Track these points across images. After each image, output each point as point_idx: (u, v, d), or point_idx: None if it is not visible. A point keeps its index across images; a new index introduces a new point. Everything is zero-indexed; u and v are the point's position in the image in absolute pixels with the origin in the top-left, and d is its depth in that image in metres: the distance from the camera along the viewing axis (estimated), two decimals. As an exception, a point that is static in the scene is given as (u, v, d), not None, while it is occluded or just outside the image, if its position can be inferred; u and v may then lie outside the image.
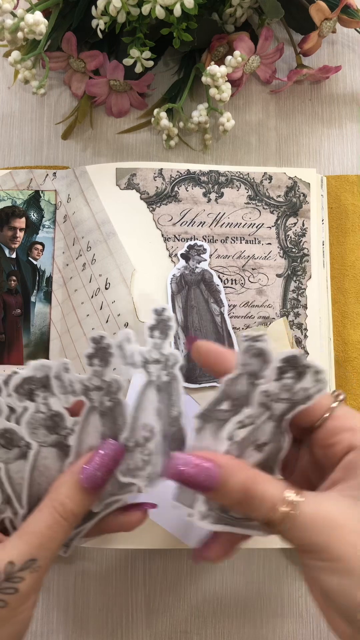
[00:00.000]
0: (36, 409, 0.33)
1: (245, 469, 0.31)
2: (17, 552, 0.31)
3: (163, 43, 0.53)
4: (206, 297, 0.48)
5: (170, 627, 0.48)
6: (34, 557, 0.30)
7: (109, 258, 0.49)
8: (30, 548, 0.31)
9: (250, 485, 0.30)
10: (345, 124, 0.56)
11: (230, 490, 0.30)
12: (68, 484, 0.32)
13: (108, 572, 0.49)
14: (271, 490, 0.30)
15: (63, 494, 0.32)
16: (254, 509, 0.30)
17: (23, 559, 0.30)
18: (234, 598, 0.48)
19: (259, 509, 0.30)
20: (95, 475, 0.32)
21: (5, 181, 0.52)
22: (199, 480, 0.30)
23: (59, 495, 0.32)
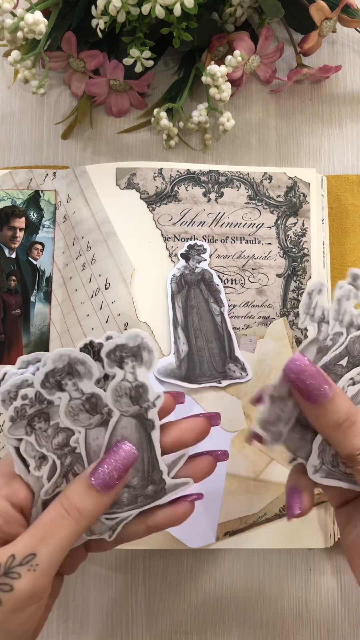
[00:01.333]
0: (123, 377, 0.32)
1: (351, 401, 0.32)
2: (20, 545, 0.29)
3: (163, 43, 0.53)
4: (206, 297, 0.48)
5: (170, 628, 0.48)
6: (33, 551, 0.29)
7: (109, 258, 0.49)
8: (31, 541, 0.30)
9: (354, 412, 0.32)
10: (345, 123, 0.56)
11: (337, 409, 0.32)
12: (78, 480, 0.32)
13: (108, 572, 0.49)
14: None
15: (71, 489, 0.32)
16: (350, 436, 0.32)
17: (24, 552, 0.29)
18: (234, 598, 0.48)
19: (353, 438, 0.31)
20: (104, 474, 0.32)
21: (5, 181, 0.52)
22: (313, 387, 0.32)
23: (67, 491, 0.32)
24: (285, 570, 0.49)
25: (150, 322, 0.47)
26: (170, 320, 0.47)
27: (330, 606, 0.48)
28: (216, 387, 0.47)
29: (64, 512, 0.31)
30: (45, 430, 0.32)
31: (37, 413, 0.32)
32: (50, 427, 0.32)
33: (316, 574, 0.48)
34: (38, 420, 0.32)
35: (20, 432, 0.32)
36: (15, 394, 0.31)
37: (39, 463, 0.33)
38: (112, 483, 0.32)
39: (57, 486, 0.33)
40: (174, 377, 0.46)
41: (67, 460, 0.33)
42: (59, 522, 0.30)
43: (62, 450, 0.33)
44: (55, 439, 0.33)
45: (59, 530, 0.30)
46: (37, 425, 0.32)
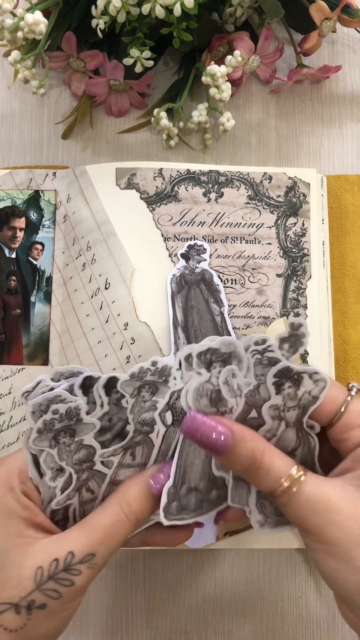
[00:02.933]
0: (208, 379, 0.33)
1: (257, 440, 0.32)
2: (78, 543, 0.30)
3: (163, 43, 0.53)
4: (206, 297, 0.48)
5: (170, 627, 0.48)
6: (93, 551, 0.30)
7: (109, 258, 0.49)
8: (91, 542, 0.31)
9: (258, 454, 0.32)
10: (345, 123, 0.56)
11: (240, 456, 0.32)
12: (138, 486, 0.33)
13: (108, 572, 0.49)
14: (278, 464, 0.32)
15: (131, 495, 0.32)
16: (260, 478, 0.32)
17: (84, 551, 0.30)
18: (234, 598, 0.48)
19: (264, 479, 0.32)
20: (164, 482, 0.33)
21: (5, 181, 0.52)
22: (211, 440, 0.32)
23: (126, 496, 0.32)
24: (285, 570, 0.49)
25: (150, 322, 0.47)
26: (170, 320, 0.47)
27: (330, 606, 0.48)
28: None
29: (124, 518, 0.32)
30: (68, 445, 0.33)
31: (64, 428, 0.33)
32: (74, 442, 0.33)
33: (316, 574, 0.48)
34: (64, 435, 0.33)
35: (45, 444, 0.33)
36: (46, 408, 0.32)
37: (55, 474, 0.33)
38: None
39: (69, 498, 0.34)
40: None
41: (84, 475, 0.34)
42: (119, 527, 0.32)
43: (80, 466, 0.33)
44: (77, 455, 0.33)
45: (119, 534, 0.32)
46: (62, 440, 0.33)
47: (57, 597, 0.29)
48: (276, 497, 0.31)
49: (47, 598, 0.29)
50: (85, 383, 0.33)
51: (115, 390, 0.33)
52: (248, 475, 0.32)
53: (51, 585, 0.29)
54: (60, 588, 0.29)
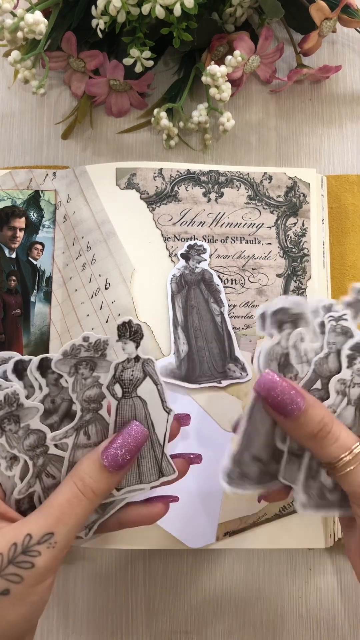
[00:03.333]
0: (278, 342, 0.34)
1: (325, 409, 0.33)
2: (35, 525, 0.31)
3: (163, 43, 0.53)
4: (206, 297, 0.48)
5: (170, 627, 0.48)
6: (51, 530, 0.30)
7: (109, 258, 0.49)
8: (48, 521, 0.31)
9: (328, 421, 0.32)
10: (345, 123, 0.56)
11: (310, 420, 0.32)
12: (89, 460, 0.33)
13: (108, 572, 0.49)
14: (344, 435, 0.32)
15: (83, 470, 0.32)
16: (326, 445, 0.32)
17: (41, 532, 0.30)
18: (234, 598, 0.48)
19: (330, 447, 0.32)
20: (115, 454, 0.32)
21: (5, 181, 0.52)
22: (285, 404, 0.32)
23: (79, 471, 0.32)
24: (285, 570, 0.49)
25: (150, 322, 0.47)
26: (170, 320, 0.47)
27: (330, 606, 0.48)
28: (216, 387, 0.47)
29: (79, 493, 0.32)
30: (15, 432, 0.33)
31: (7, 415, 0.32)
32: (21, 428, 0.33)
33: (316, 574, 0.48)
34: (8, 422, 0.32)
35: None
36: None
37: (10, 463, 0.33)
38: (124, 463, 0.32)
39: (30, 486, 0.33)
40: (174, 377, 0.46)
41: (40, 461, 0.33)
42: (75, 503, 0.31)
43: (33, 452, 0.33)
44: (27, 441, 0.33)
45: (75, 510, 0.31)
46: (7, 427, 0.32)
47: (18, 581, 0.30)
48: (338, 468, 0.32)
49: (9, 583, 0.29)
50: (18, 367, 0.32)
51: (51, 370, 0.32)
52: (315, 441, 0.32)
53: (11, 569, 0.30)
54: (20, 572, 0.30)
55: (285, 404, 0.32)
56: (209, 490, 0.45)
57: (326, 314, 0.34)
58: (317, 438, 0.32)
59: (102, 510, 0.35)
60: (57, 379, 0.33)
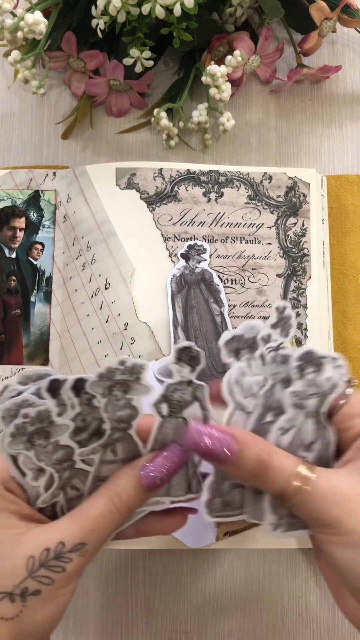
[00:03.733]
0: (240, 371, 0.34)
1: (261, 442, 0.32)
2: (68, 533, 0.31)
3: (163, 43, 0.53)
4: (206, 297, 0.48)
5: (170, 627, 0.48)
6: (84, 541, 0.31)
7: (109, 258, 0.49)
8: (82, 531, 0.31)
9: (265, 457, 0.31)
10: (345, 123, 0.56)
11: (246, 462, 0.31)
12: (128, 477, 0.33)
13: (108, 572, 0.49)
14: (285, 463, 0.31)
15: (121, 486, 0.33)
16: (268, 480, 0.31)
17: (74, 541, 0.31)
18: (234, 598, 0.48)
19: (272, 481, 0.31)
20: (154, 476, 0.32)
21: (5, 181, 0.52)
22: (216, 452, 0.31)
23: (117, 487, 0.33)
24: (285, 570, 0.49)
25: (150, 322, 0.47)
26: (170, 320, 0.47)
27: (330, 606, 0.48)
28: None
29: (114, 508, 0.32)
30: (44, 446, 0.33)
31: (37, 431, 0.33)
32: (50, 444, 0.33)
33: (316, 574, 0.48)
34: (38, 437, 0.33)
35: (20, 447, 0.33)
36: (15, 412, 0.32)
37: (36, 475, 0.33)
38: (161, 484, 0.33)
39: (55, 497, 0.34)
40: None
41: (66, 474, 0.34)
42: (109, 518, 0.32)
43: (61, 465, 0.33)
44: (55, 455, 0.33)
45: (109, 525, 0.32)
46: (37, 442, 0.33)
47: (49, 583, 0.30)
48: (288, 498, 0.31)
49: (40, 584, 0.30)
50: (53, 386, 0.33)
51: (84, 391, 0.33)
52: (257, 479, 0.31)
53: (43, 572, 0.30)
54: (52, 574, 0.30)
55: (216, 452, 0.31)
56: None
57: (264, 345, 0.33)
58: (259, 475, 0.31)
59: None
60: (90, 399, 0.33)
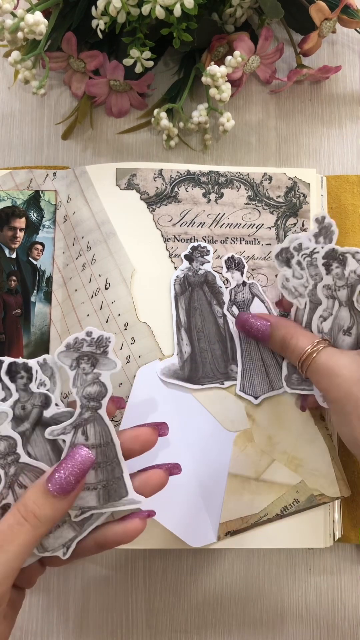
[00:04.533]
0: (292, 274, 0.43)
1: (289, 326, 0.43)
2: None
3: (163, 43, 0.53)
4: (209, 298, 0.48)
5: (170, 627, 0.48)
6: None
7: (109, 258, 0.49)
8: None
9: (288, 337, 0.42)
10: (345, 124, 0.56)
11: (275, 339, 0.43)
12: (34, 486, 0.32)
13: (108, 572, 0.49)
14: (302, 342, 0.41)
15: (27, 496, 0.32)
16: (289, 353, 0.42)
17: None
18: (234, 598, 0.48)
19: (292, 355, 0.42)
20: (61, 479, 0.31)
21: (5, 181, 0.52)
22: (254, 332, 0.44)
23: (24, 498, 0.32)
24: (285, 570, 0.49)
25: (150, 322, 0.47)
26: (173, 322, 0.47)
27: (330, 606, 0.48)
28: (219, 387, 0.47)
29: (21, 519, 0.31)
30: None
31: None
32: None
33: (316, 574, 0.49)
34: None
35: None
36: None
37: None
38: (70, 488, 0.32)
39: (3, 497, 0.33)
40: (177, 378, 0.46)
41: (11, 470, 0.33)
42: (17, 529, 0.30)
43: (4, 460, 0.32)
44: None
45: (17, 537, 0.30)
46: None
47: None
48: (301, 368, 0.41)
49: None
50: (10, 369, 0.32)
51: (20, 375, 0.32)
52: (283, 351, 0.43)
53: None
54: None
55: (255, 333, 0.44)
56: (211, 490, 0.45)
57: (300, 253, 0.42)
58: (284, 349, 0.42)
59: (80, 527, 0.34)
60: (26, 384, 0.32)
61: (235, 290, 0.47)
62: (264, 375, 0.46)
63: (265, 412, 0.46)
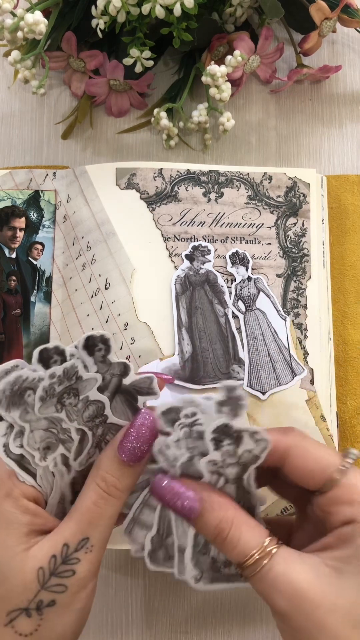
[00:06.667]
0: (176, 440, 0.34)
1: (225, 509, 0.31)
2: (69, 533, 0.31)
3: (163, 43, 0.53)
4: (210, 298, 0.48)
5: (170, 628, 0.48)
6: (85, 535, 0.30)
7: (109, 258, 0.49)
8: (80, 526, 0.31)
9: (225, 525, 0.30)
10: (345, 123, 0.56)
11: (207, 525, 0.31)
12: (107, 458, 0.32)
13: (108, 572, 0.49)
14: (247, 536, 0.30)
15: (103, 469, 0.32)
16: (227, 550, 0.30)
17: (76, 539, 0.30)
18: (234, 598, 0.48)
19: (230, 552, 0.30)
20: (132, 447, 0.32)
21: (5, 181, 0.52)
22: (179, 508, 0.31)
23: (99, 471, 0.32)
24: (286, 570, 0.49)
25: (150, 322, 0.47)
26: (174, 321, 0.47)
27: (330, 606, 0.48)
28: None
29: (104, 493, 0.31)
30: (75, 405, 0.33)
31: (66, 390, 0.32)
32: (80, 401, 0.33)
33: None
34: (67, 397, 0.33)
35: (51, 410, 0.33)
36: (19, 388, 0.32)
37: (44, 453, 0.33)
38: (142, 454, 0.32)
39: (90, 456, 0.33)
40: (178, 378, 0.46)
41: (99, 431, 0.33)
42: (102, 504, 0.31)
43: (93, 422, 0.33)
44: (86, 412, 0.33)
45: (104, 511, 0.31)
46: (67, 401, 0.33)
47: (63, 591, 0.30)
48: (244, 570, 0.30)
49: (54, 594, 0.30)
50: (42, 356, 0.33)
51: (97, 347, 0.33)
52: (217, 545, 0.31)
53: (54, 581, 0.30)
54: (64, 581, 0.30)
55: (178, 508, 0.31)
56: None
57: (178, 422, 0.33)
58: (217, 542, 0.31)
59: None
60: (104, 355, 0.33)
61: (241, 286, 0.46)
62: (271, 370, 0.45)
63: (266, 412, 0.46)
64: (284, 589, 0.28)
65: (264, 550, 0.29)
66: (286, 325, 0.47)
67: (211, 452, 0.32)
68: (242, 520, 0.31)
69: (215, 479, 0.32)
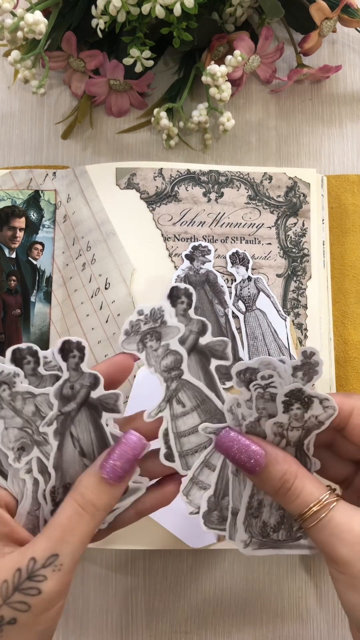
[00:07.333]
0: None
1: (290, 462, 0.32)
2: (39, 547, 0.29)
3: (163, 42, 0.53)
4: (210, 298, 0.48)
5: (170, 628, 0.48)
6: (55, 551, 0.29)
7: (109, 258, 0.49)
8: (50, 542, 0.29)
9: (290, 477, 0.31)
10: (345, 123, 0.56)
11: (271, 477, 0.32)
12: (88, 475, 0.32)
13: (108, 572, 0.49)
14: (309, 488, 0.31)
15: (83, 485, 0.31)
16: (289, 501, 0.31)
17: (45, 554, 0.29)
18: (234, 598, 0.48)
19: (293, 503, 0.31)
20: (114, 465, 0.31)
21: (5, 181, 0.52)
22: (244, 461, 0.32)
23: (79, 487, 0.31)
24: (285, 570, 0.49)
25: (151, 322, 0.47)
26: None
27: (330, 606, 0.48)
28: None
29: (80, 509, 0.31)
30: (155, 349, 0.33)
31: (150, 331, 0.33)
32: (161, 347, 0.33)
33: (316, 574, 0.48)
34: (150, 338, 0.33)
35: (132, 347, 0.33)
36: None
37: (19, 454, 0.33)
38: (123, 474, 0.32)
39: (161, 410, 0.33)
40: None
41: (173, 385, 0.33)
42: (77, 519, 0.30)
43: (169, 374, 0.33)
44: (164, 361, 0.33)
45: (78, 527, 0.30)
46: (149, 343, 0.33)
47: (26, 610, 0.28)
48: (304, 521, 0.31)
49: (16, 612, 0.28)
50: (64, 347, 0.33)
51: (72, 354, 0.32)
52: (279, 497, 0.32)
53: (18, 597, 0.28)
54: (27, 599, 0.28)
55: (243, 461, 0.32)
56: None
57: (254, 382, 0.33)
58: (280, 494, 0.32)
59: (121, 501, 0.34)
60: (78, 363, 0.33)
61: (241, 286, 0.46)
62: None
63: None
64: (345, 537, 0.30)
65: (324, 502, 0.31)
66: (286, 325, 0.47)
67: (279, 414, 0.33)
68: (305, 473, 0.32)
69: (278, 440, 0.33)
